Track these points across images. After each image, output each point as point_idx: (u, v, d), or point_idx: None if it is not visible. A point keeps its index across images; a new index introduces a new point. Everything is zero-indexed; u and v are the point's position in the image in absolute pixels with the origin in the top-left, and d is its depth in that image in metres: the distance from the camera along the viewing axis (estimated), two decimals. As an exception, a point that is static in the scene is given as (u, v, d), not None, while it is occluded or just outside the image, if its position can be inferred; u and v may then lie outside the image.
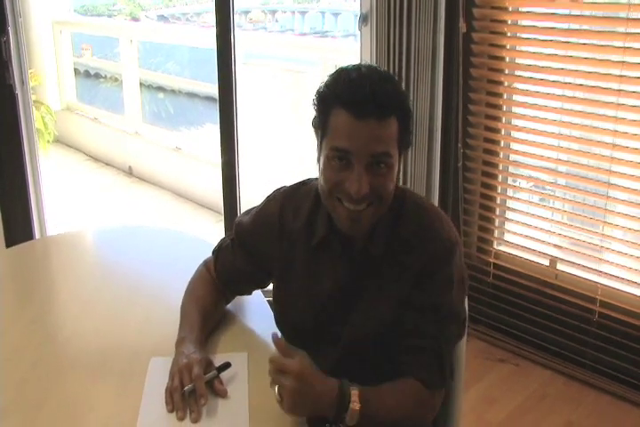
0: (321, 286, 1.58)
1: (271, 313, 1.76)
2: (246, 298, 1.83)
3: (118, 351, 1.65)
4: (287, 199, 1.64)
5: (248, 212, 1.74)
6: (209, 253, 1.82)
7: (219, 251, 1.77)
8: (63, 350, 1.68)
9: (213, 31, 3.13)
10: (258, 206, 1.71)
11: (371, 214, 1.44)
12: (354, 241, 1.53)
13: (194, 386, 1.42)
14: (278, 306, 1.68)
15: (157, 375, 1.51)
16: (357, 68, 1.41)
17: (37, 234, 3.53)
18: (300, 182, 1.67)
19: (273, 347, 1.37)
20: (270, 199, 1.69)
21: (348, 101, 1.35)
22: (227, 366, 1.51)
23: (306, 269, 1.60)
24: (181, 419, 1.39)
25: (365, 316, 1.54)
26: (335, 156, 1.39)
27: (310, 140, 1.49)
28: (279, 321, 1.69)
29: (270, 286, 1.77)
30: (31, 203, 3.47)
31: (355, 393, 1.35)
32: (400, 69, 2.97)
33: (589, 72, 2.85)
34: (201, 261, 1.83)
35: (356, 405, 1.34)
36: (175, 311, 1.68)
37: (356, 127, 1.35)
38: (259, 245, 1.67)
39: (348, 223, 1.45)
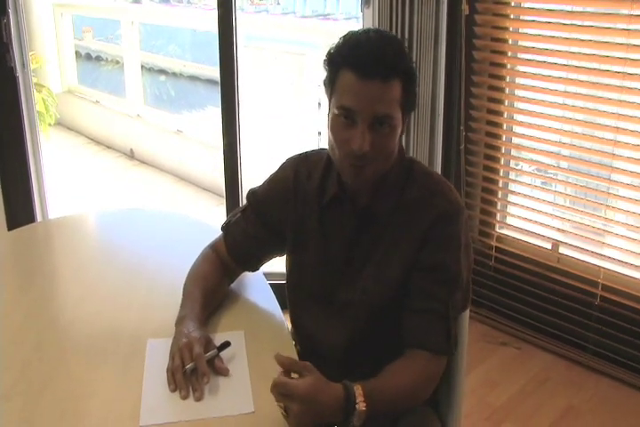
0: (332, 249, 1.61)
1: (270, 293, 1.79)
2: (244, 278, 1.83)
3: (120, 334, 1.65)
4: (301, 164, 1.69)
5: (260, 184, 1.77)
6: (210, 236, 1.82)
7: (228, 226, 1.78)
8: (65, 332, 1.68)
9: (215, 14, 3.11)
10: (272, 174, 1.75)
11: (373, 169, 1.48)
12: (362, 200, 1.57)
13: (195, 365, 1.43)
14: (292, 274, 1.71)
15: (156, 357, 1.51)
16: (366, 31, 1.47)
17: (39, 217, 3.53)
18: (310, 151, 1.73)
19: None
20: (284, 166, 1.73)
21: (355, 63, 1.40)
22: (226, 344, 1.51)
23: (318, 233, 1.62)
24: (185, 398, 1.39)
25: (372, 277, 1.56)
26: (341, 113, 1.44)
27: (311, 121, 1.51)
28: (292, 290, 1.71)
29: (271, 269, 1.78)
30: (32, 186, 3.47)
31: (359, 394, 1.33)
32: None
33: (593, 55, 2.82)
34: (202, 243, 1.83)
35: (362, 405, 1.33)
36: (177, 294, 1.68)
37: (361, 87, 1.40)
38: (274, 211, 1.69)
39: (352, 176, 1.50)
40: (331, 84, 1.47)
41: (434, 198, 1.54)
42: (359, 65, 1.39)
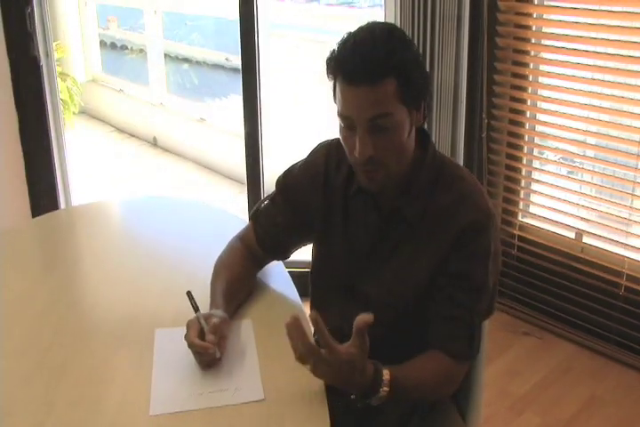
0: (355, 241, 1.60)
1: (289, 281, 1.80)
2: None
3: (139, 321, 1.66)
4: (332, 151, 1.65)
5: (289, 170, 1.74)
6: (231, 224, 1.83)
7: (256, 215, 1.77)
8: (85, 318, 1.69)
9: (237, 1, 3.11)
10: (302, 160, 1.72)
11: (385, 172, 1.46)
12: (387, 200, 1.55)
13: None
14: (316, 263, 1.70)
15: (165, 347, 1.53)
16: (356, 33, 1.42)
17: (62, 204, 3.56)
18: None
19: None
20: (315, 151, 1.70)
21: (343, 70, 1.39)
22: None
23: (342, 223, 1.61)
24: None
25: (396, 277, 1.55)
26: (343, 121, 1.44)
27: (333, 109, 1.49)
28: (315, 280, 1.71)
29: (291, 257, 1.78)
30: (56, 174, 3.50)
31: (386, 378, 1.34)
32: (425, 38, 2.93)
33: (620, 41, 2.78)
34: (223, 231, 1.83)
35: (385, 390, 1.34)
36: (197, 281, 1.69)
37: (351, 94, 1.39)
38: (304, 197, 1.67)
39: (364, 181, 1.50)
40: (333, 91, 1.45)
41: (465, 205, 1.50)
42: (346, 72, 1.38)
